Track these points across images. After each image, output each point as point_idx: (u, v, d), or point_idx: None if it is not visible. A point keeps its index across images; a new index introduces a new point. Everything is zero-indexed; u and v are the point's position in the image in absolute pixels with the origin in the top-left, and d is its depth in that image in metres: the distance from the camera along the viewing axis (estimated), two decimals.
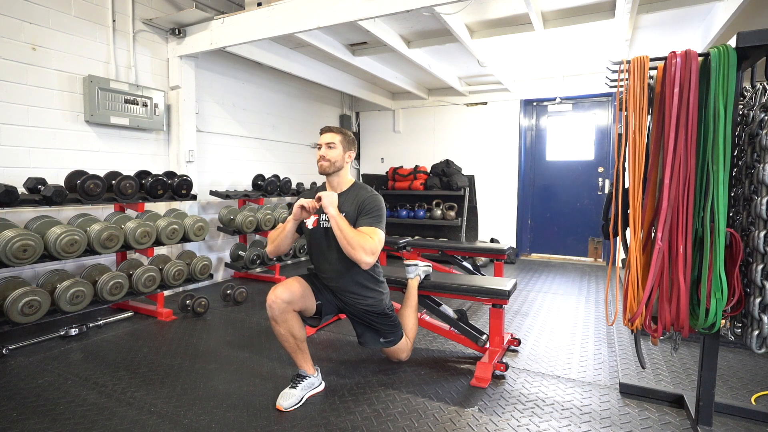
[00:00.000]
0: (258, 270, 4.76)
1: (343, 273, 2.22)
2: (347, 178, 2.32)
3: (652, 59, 1.76)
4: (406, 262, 2.72)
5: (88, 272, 3.06)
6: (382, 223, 2.16)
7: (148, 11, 3.80)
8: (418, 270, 2.67)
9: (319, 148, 2.24)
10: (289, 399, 2.03)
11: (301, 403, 2.07)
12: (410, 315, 2.54)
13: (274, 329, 2.09)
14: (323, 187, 2.38)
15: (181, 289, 3.95)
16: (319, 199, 2.05)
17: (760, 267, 1.61)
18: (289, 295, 2.05)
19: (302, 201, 2.09)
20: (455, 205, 5.94)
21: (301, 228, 2.29)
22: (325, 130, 2.27)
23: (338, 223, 2.02)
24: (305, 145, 5.98)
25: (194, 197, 3.73)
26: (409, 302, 2.57)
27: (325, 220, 2.19)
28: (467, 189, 5.92)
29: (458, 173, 5.94)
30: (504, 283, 2.55)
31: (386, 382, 2.32)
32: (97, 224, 2.98)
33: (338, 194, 2.21)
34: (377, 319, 2.30)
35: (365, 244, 2.02)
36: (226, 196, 4.32)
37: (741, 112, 1.82)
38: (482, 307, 3.71)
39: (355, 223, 2.14)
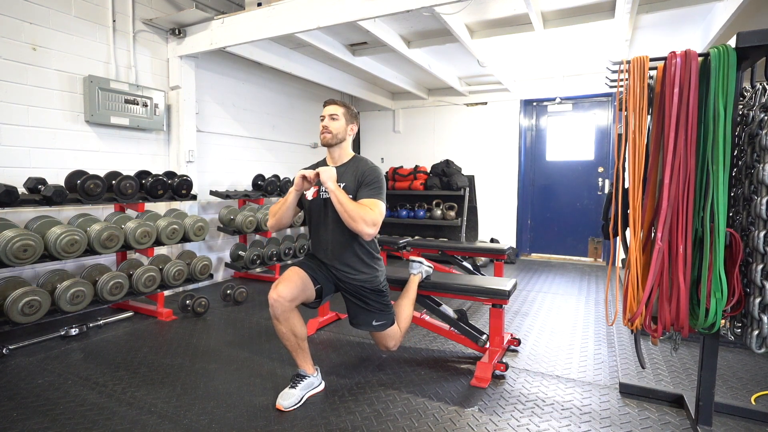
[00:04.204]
0: (258, 270, 4.76)
1: (341, 244, 2.23)
2: (348, 151, 2.34)
3: (652, 59, 1.76)
4: (412, 258, 2.72)
5: (88, 272, 3.06)
6: (382, 195, 2.18)
7: (148, 11, 3.80)
8: (421, 267, 2.67)
9: (323, 120, 2.26)
10: (289, 398, 2.04)
11: (301, 403, 2.07)
12: (406, 306, 2.53)
13: (276, 327, 2.09)
14: (324, 161, 2.40)
15: (181, 289, 3.96)
16: (318, 175, 2.08)
17: (760, 267, 1.61)
18: (291, 292, 2.05)
19: (303, 171, 2.13)
20: (455, 205, 5.94)
21: (301, 202, 2.31)
22: (328, 103, 2.29)
23: (338, 197, 2.05)
24: (305, 145, 5.98)
25: (194, 197, 3.73)
26: (407, 294, 2.57)
27: (324, 191, 2.22)
28: (467, 189, 5.91)
29: (458, 173, 5.94)
30: (504, 283, 2.55)
31: (386, 382, 2.32)
32: (97, 224, 2.98)
33: (338, 166, 2.26)
34: (371, 296, 2.29)
35: (366, 215, 2.05)
36: (226, 196, 4.32)
37: (741, 112, 1.82)
38: (482, 307, 3.71)
39: (355, 195, 2.17)
